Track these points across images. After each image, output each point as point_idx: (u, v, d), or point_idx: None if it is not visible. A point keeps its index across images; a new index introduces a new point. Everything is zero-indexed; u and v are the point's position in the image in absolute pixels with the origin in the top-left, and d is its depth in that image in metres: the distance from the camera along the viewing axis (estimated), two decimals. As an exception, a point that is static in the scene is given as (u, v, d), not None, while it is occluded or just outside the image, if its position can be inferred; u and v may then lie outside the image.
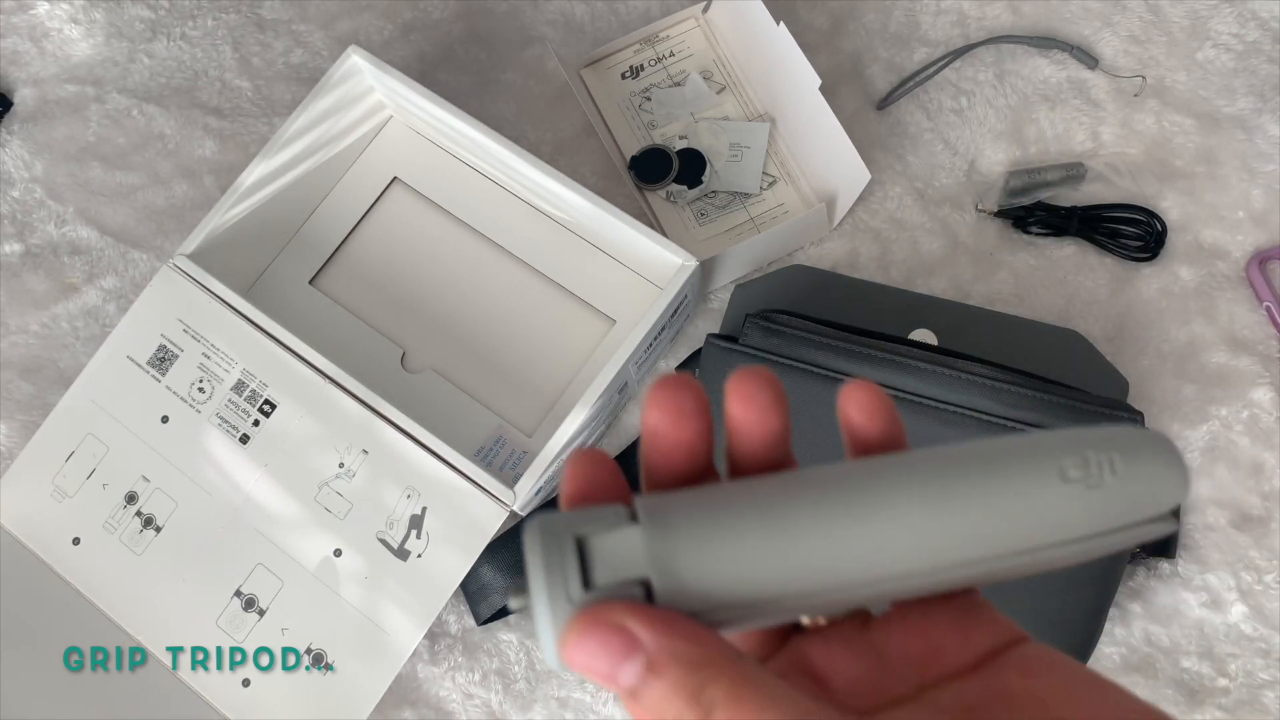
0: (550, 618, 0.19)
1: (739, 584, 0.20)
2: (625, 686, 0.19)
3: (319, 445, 0.55)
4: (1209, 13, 0.67)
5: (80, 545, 0.57)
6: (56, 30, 0.70)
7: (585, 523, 0.20)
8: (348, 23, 0.70)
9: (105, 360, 0.58)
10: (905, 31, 0.68)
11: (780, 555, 0.20)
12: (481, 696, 0.59)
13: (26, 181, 0.68)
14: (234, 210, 0.59)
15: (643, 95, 0.67)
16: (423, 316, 0.63)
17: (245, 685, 0.55)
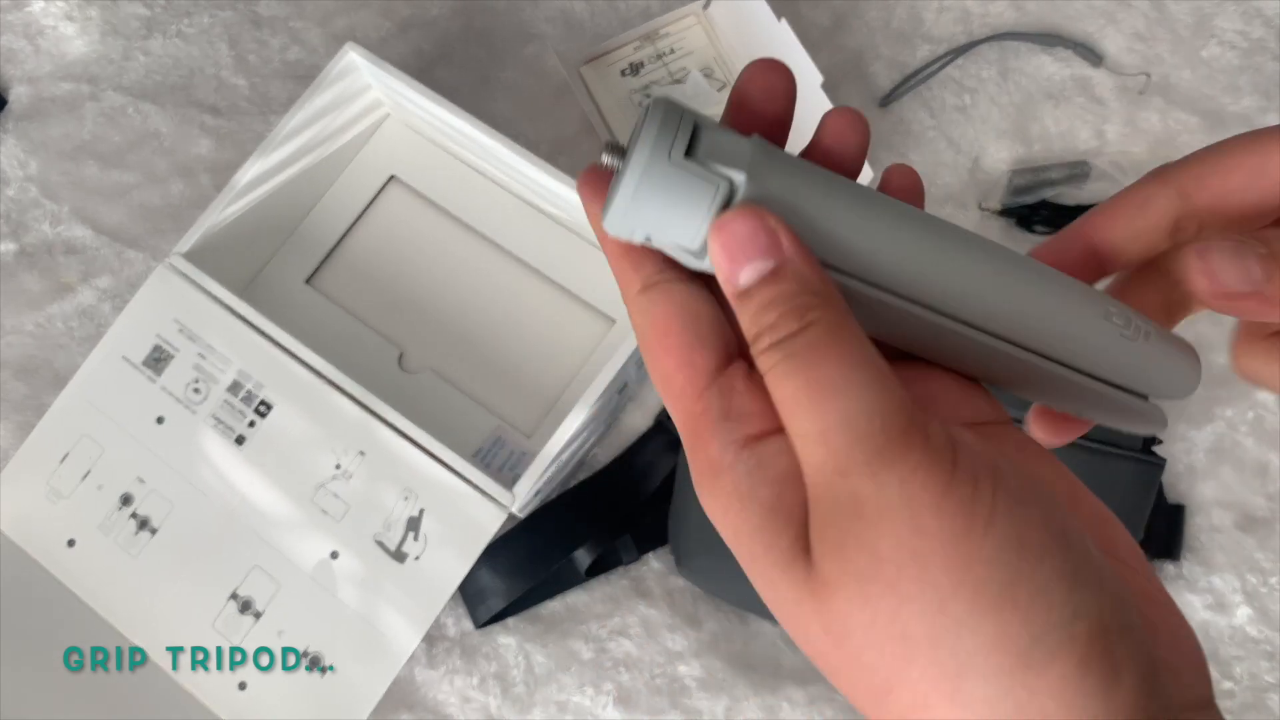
0: (644, 168, 0.20)
1: (812, 228, 0.21)
2: (742, 282, 0.20)
3: (315, 446, 0.55)
4: (1214, 9, 0.66)
5: (75, 547, 0.56)
6: (51, 27, 0.70)
7: (708, 119, 0.22)
8: (345, 20, 0.69)
9: (100, 360, 0.58)
10: (908, 28, 0.68)
11: (858, 227, 0.21)
12: (480, 700, 0.59)
13: (21, 180, 0.67)
14: (230, 209, 0.58)
15: (643, 93, 0.67)
16: (420, 316, 0.62)
17: (242, 688, 0.54)
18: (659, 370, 0.21)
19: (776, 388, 0.19)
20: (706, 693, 0.58)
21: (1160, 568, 0.59)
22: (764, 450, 0.20)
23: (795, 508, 0.20)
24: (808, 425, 0.19)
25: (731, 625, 0.59)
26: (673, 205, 0.21)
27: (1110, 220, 0.25)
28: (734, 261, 0.20)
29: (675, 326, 0.21)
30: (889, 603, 0.18)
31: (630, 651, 0.59)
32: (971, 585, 0.18)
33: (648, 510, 0.60)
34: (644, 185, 0.20)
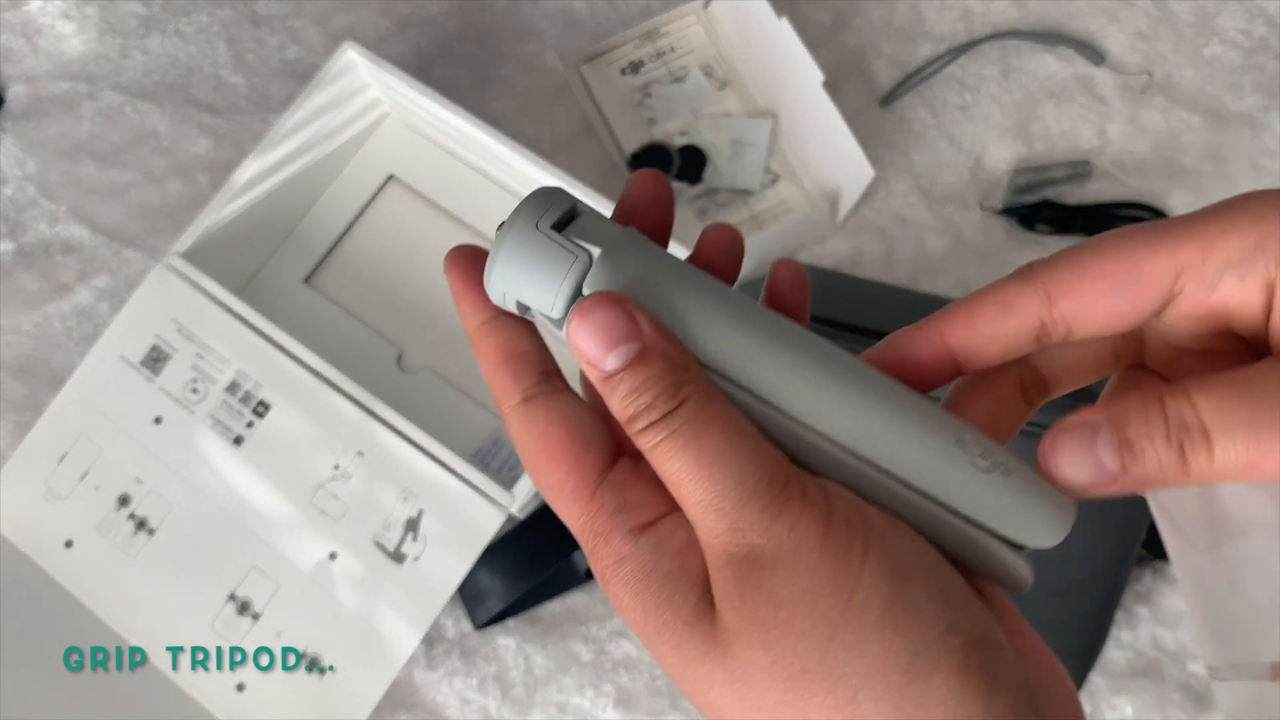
0: (512, 232, 0.22)
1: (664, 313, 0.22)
2: (609, 368, 0.21)
3: (314, 447, 0.55)
4: (1216, 8, 0.66)
5: (73, 548, 0.56)
6: (49, 26, 0.70)
7: (591, 208, 0.23)
8: (343, 18, 0.69)
9: (98, 360, 0.57)
10: (909, 27, 0.67)
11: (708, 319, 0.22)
12: (479, 702, 0.58)
13: (19, 179, 0.67)
14: (228, 208, 0.58)
15: (643, 91, 0.67)
16: (419, 316, 0.62)
17: (240, 689, 0.54)
18: (549, 478, 0.22)
19: (663, 464, 0.21)
20: (707, 694, 0.58)
21: (1162, 569, 0.59)
22: (661, 530, 0.22)
23: (697, 573, 0.21)
24: (700, 494, 0.20)
25: (732, 626, 0.59)
26: (534, 270, 0.22)
27: (970, 322, 0.24)
28: (599, 347, 0.21)
29: (560, 434, 0.22)
30: (787, 640, 0.20)
31: (630, 653, 0.59)
32: (856, 611, 0.20)
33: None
34: (509, 247, 0.22)
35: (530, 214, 0.22)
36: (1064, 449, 0.22)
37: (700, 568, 0.21)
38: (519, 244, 0.22)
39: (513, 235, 0.22)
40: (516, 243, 0.22)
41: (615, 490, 0.22)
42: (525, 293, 0.22)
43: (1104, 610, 0.53)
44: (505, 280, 0.22)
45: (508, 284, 0.22)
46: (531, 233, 0.22)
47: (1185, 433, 0.21)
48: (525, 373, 0.23)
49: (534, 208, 0.23)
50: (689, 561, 0.21)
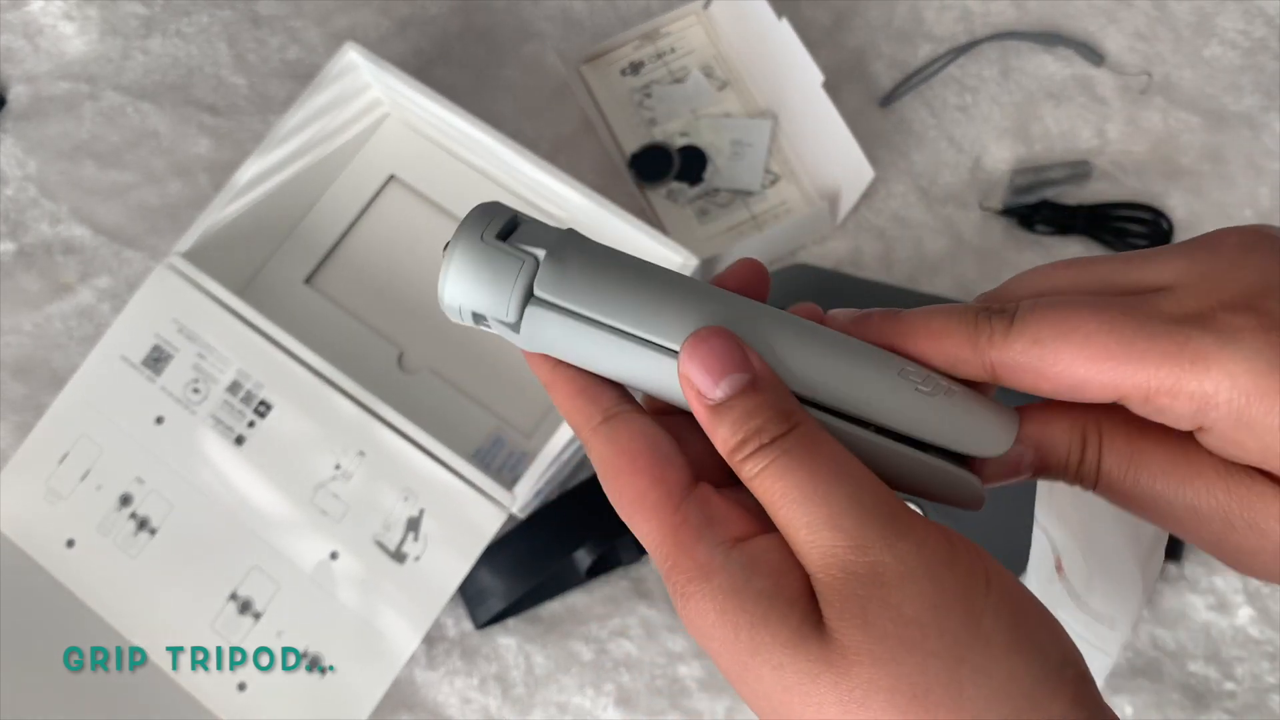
0: (458, 246, 0.23)
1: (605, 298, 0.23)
2: (717, 397, 0.22)
3: (315, 447, 0.55)
4: (1215, 9, 0.66)
5: (74, 548, 0.56)
6: (50, 27, 0.70)
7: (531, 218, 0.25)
8: (344, 19, 0.69)
9: (99, 361, 0.57)
10: (909, 27, 0.67)
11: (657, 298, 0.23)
12: (480, 701, 0.59)
13: (20, 179, 0.67)
14: (229, 208, 0.58)
15: (643, 92, 0.67)
16: (420, 316, 0.62)
17: (241, 689, 0.54)
18: (631, 491, 0.23)
19: (772, 484, 0.21)
20: (707, 694, 0.58)
21: (1163, 568, 0.59)
22: (753, 547, 0.21)
23: (795, 593, 0.21)
24: (816, 511, 0.21)
25: (732, 626, 0.59)
26: (485, 279, 0.23)
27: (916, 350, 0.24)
28: (708, 377, 0.22)
29: (642, 448, 0.23)
30: (915, 659, 0.19)
31: (631, 652, 0.59)
32: (984, 636, 0.20)
33: (648, 510, 0.60)
34: (458, 261, 0.23)
35: (474, 228, 0.24)
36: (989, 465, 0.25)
37: (799, 589, 0.21)
38: (466, 256, 0.23)
39: (460, 249, 0.23)
40: (464, 255, 0.23)
41: (701, 505, 0.22)
42: (479, 302, 0.23)
43: (1103, 610, 0.53)
44: (458, 294, 0.23)
45: (461, 297, 0.23)
46: (477, 244, 0.23)
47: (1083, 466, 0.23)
48: (602, 396, 0.24)
49: (476, 222, 0.24)
50: (786, 582, 0.21)
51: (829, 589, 0.20)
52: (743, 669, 0.21)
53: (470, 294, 0.23)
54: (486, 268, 0.23)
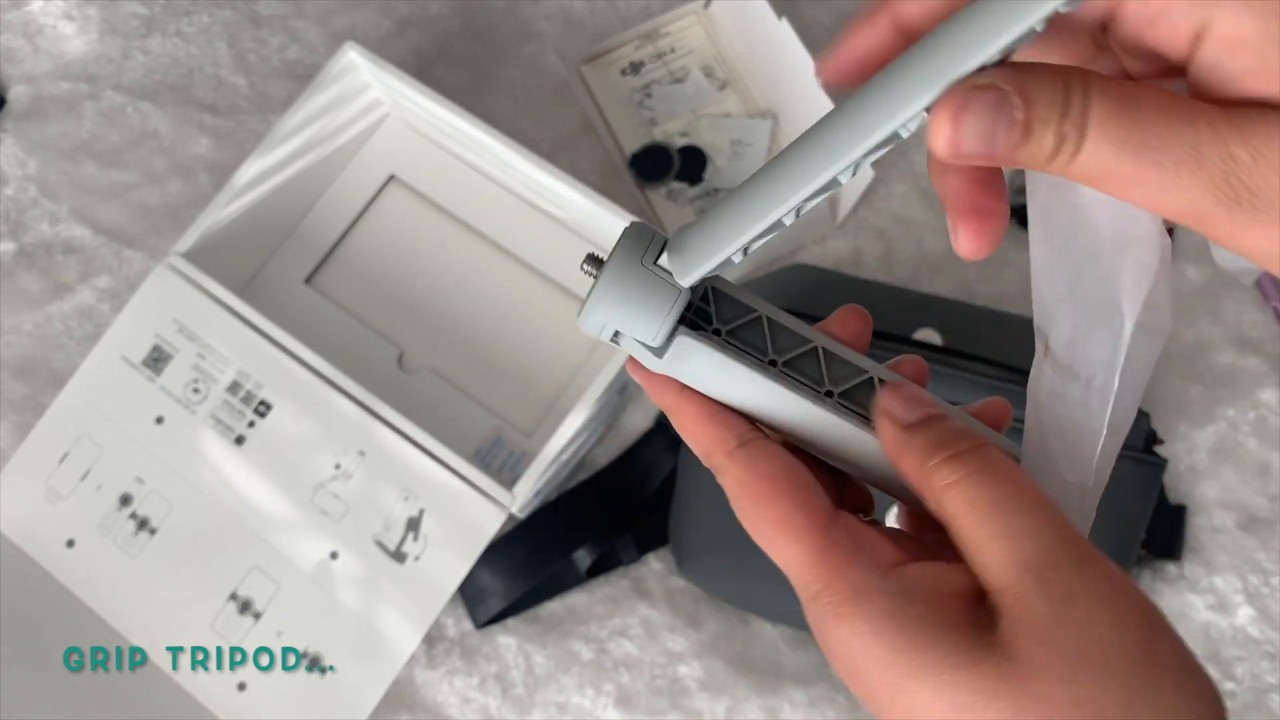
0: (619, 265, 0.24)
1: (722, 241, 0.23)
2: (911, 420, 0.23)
3: (315, 446, 0.55)
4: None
5: (74, 547, 0.56)
6: (50, 27, 0.70)
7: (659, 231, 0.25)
8: (344, 19, 0.69)
9: (99, 360, 0.57)
10: (908, 27, 0.67)
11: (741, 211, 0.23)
12: (480, 701, 0.59)
13: (20, 179, 0.67)
14: (229, 208, 0.58)
15: (643, 92, 0.67)
16: (420, 316, 0.62)
17: (241, 689, 0.54)
18: (774, 514, 0.23)
19: (966, 493, 0.22)
20: (707, 693, 0.58)
21: (1162, 568, 0.59)
22: (908, 573, 0.22)
23: (958, 618, 0.21)
24: (1015, 524, 0.21)
25: (732, 626, 0.59)
26: (640, 302, 0.24)
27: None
28: (904, 406, 0.23)
29: (784, 472, 0.23)
30: (1097, 679, 0.20)
31: (630, 652, 0.59)
32: (1159, 665, 0.20)
33: (648, 510, 0.60)
34: (617, 282, 0.24)
35: (633, 250, 0.24)
36: (971, 113, 0.21)
37: (960, 614, 0.21)
38: (626, 280, 0.24)
39: (618, 270, 0.24)
40: (624, 279, 0.24)
41: (849, 531, 0.23)
42: (629, 324, 0.24)
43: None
44: (611, 313, 0.24)
45: (611, 318, 0.24)
46: (636, 267, 0.24)
47: (1067, 120, 0.20)
48: (734, 422, 0.24)
49: (635, 244, 0.24)
50: (946, 606, 0.21)
51: (1017, 603, 0.21)
52: (897, 691, 0.21)
53: (625, 314, 0.24)
54: (642, 292, 0.24)
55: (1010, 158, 0.21)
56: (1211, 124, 0.20)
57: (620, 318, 0.24)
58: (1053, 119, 0.20)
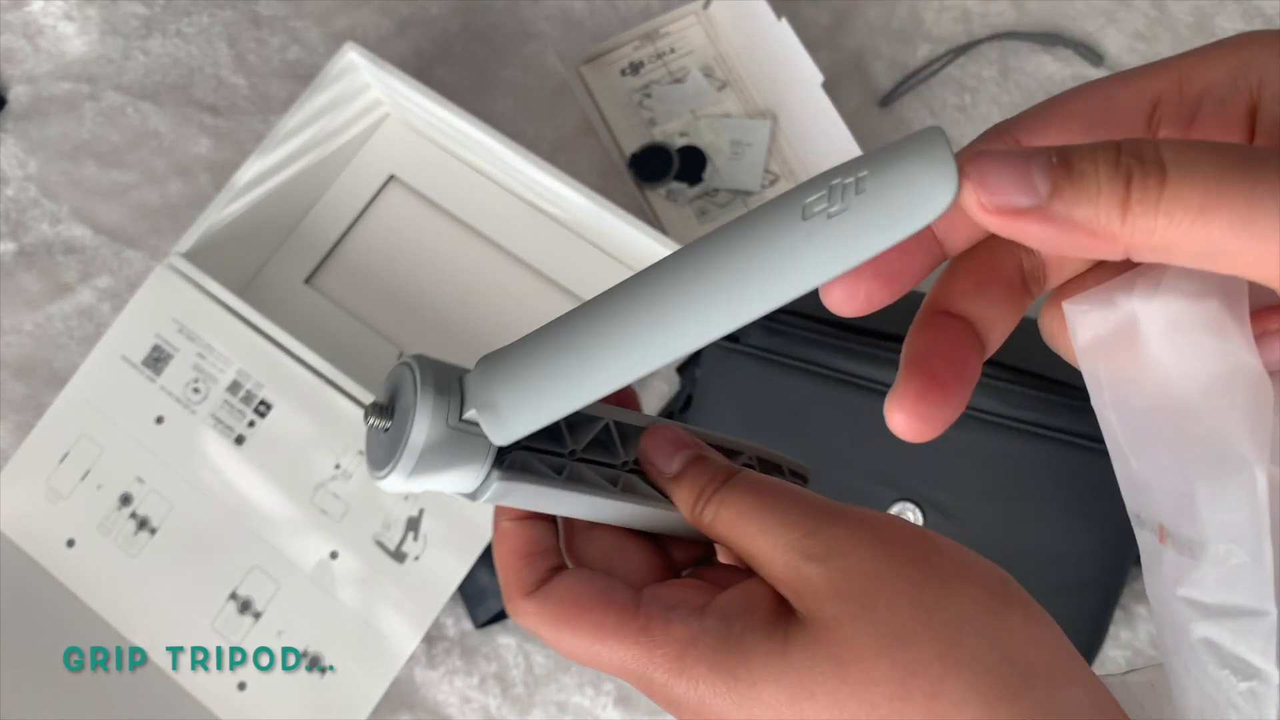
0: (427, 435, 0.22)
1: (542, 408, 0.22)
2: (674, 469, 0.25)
3: (315, 446, 0.55)
4: (1214, 9, 0.66)
5: (75, 547, 0.56)
6: (51, 27, 0.70)
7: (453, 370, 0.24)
8: (344, 19, 0.69)
9: (99, 360, 0.57)
10: (908, 28, 0.67)
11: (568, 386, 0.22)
12: (479, 700, 0.59)
13: (20, 180, 0.67)
14: (229, 208, 0.58)
15: (643, 92, 0.67)
16: (420, 316, 0.62)
17: (241, 688, 0.54)
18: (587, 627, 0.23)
19: (727, 517, 0.23)
20: (706, 693, 0.58)
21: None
22: (719, 602, 0.23)
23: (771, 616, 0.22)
24: (766, 519, 0.23)
25: (731, 625, 0.59)
26: (450, 464, 0.22)
27: None
28: (666, 459, 0.25)
29: (584, 589, 0.24)
30: (884, 604, 0.21)
31: (630, 652, 0.59)
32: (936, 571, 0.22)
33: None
34: (424, 450, 0.22)
35: (438, 409, 0.22)
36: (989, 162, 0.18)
37: (771, 611, 0.22)
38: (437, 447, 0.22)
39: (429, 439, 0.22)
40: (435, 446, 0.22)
41: (656, 598, 0.24)
42: (445, 483, 0.23)
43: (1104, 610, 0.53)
44: (423, 479, 0.22)
45: (424, 481, 0.22)
46: (444, 430, 0.22)
47: (1137, 161, 0.17)
48: (540, 563, 0.25)
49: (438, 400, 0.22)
50: (756, 616, 0.22)
51: (796, 578, 0.22)
52: (752, 704, 0.22)
53: (432, 481, 0.22)
54: (453, 454, 0.22)
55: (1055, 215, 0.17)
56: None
57: (430, 482, 0.22)
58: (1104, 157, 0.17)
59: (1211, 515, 0.20)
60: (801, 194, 0.20)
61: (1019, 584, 0.23)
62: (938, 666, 0.21)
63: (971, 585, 0.22)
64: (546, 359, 0.23)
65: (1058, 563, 0.52)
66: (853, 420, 0.52)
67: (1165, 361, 0.20)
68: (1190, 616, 0.20)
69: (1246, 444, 0.19)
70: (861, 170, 0.19)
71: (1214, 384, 0.20)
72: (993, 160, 0.18)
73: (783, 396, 0.52)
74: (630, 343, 0.22)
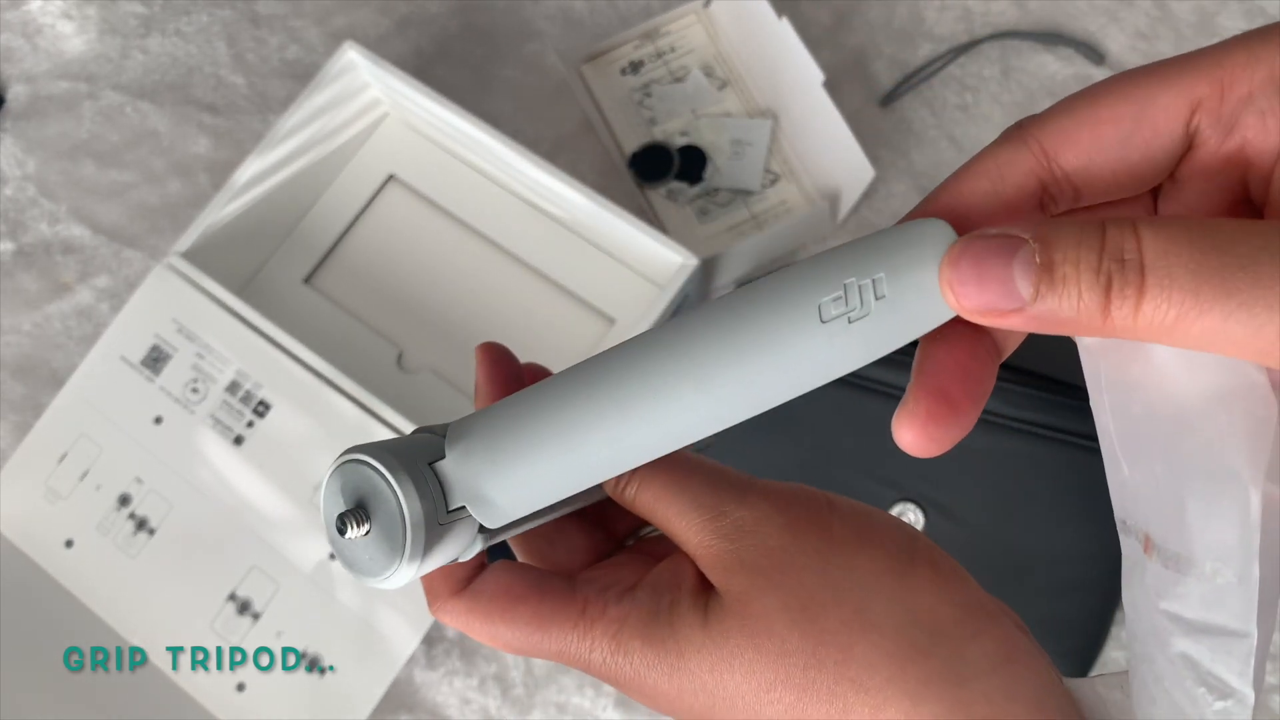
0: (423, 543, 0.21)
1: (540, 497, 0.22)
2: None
3: (314, 446, 0.55)
4: (1216, 8, 0.66)
5: (73, 547, 0.56)
6: (49, 26, 0.70)
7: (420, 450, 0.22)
8: (343, 18, 0.69)
9: (98, 360, 0.57)
10: (909, 27, 0.67)
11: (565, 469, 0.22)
12: (479, 702, 0.58)
13: (19, 179, 0.67)
14: (228, 208, 0.58)
15: (643, 91, 0.67)
16: (419, 316, 0.62)
17: (241, 689, 0.54)
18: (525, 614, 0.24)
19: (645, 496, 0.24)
20: (707, 694, 0.58)
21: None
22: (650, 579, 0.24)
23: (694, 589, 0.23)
24: (679, 501, 0.23)
25: (732, 626, 0.59)
26: (451, 547, 0.22)
27: (963, 192, 0.20)
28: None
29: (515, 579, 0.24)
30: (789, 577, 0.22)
31: (630, 652, 0.59)
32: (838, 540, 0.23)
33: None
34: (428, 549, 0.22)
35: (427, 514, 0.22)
36: (973, 256, 0.18)
37: (694, 589, 0.23)
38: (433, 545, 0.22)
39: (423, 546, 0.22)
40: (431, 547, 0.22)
41: (591, 581, 0.24)
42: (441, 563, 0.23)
43: (1104, 610, 0.53)
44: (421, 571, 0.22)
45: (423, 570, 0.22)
46: (436, 530, 0.22)
47: (1118, 266, 0.17)
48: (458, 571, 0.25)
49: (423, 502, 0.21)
50: (681, 589, 0.23)
51: (710, 557, 0.23)
52: (680, 674, 0.23)
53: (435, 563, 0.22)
54: (447, 544, 0.22)
55: (1038, 315, 0.18)
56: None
57: (431, 565, 0.22)
58: (1086, 261, 0.17)
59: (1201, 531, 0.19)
60: (815, 291, 0.20)
61: (928, 541, 0.23)
62: (845, 634, 0.22)
63: (874, 549, 0.23)
64: (541, 445, 0.22)
65: (1059, 563, 0.52)
66: (853, 420, 0.52)
67: (1168, 369, 0.19)
68: (1170, 630, 0.20)
69: (1243, 461, 0.19)
70: (877, 272, 0.19)
71: (1216, 395, 0.19)
72: (972, 261, 0.18)
73: (783, 397, 0.52)
74: (635, 430, 0.21)
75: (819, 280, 0.20)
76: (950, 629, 0.22)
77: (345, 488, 0.22)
